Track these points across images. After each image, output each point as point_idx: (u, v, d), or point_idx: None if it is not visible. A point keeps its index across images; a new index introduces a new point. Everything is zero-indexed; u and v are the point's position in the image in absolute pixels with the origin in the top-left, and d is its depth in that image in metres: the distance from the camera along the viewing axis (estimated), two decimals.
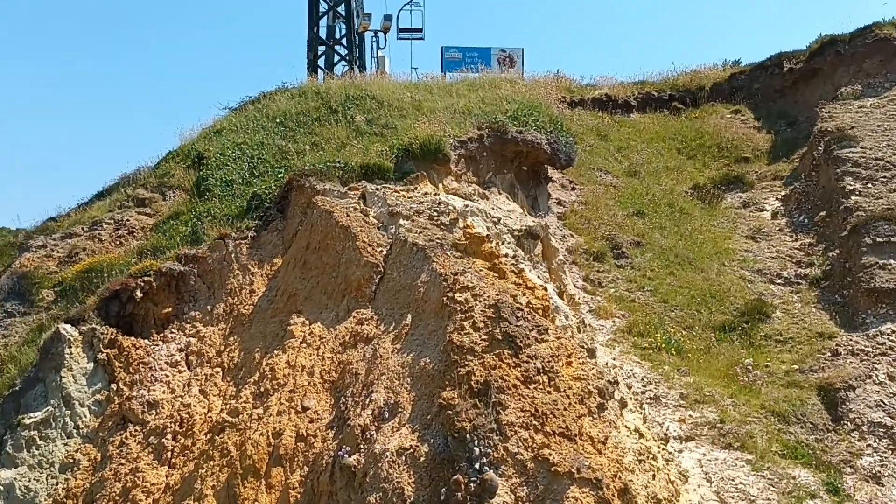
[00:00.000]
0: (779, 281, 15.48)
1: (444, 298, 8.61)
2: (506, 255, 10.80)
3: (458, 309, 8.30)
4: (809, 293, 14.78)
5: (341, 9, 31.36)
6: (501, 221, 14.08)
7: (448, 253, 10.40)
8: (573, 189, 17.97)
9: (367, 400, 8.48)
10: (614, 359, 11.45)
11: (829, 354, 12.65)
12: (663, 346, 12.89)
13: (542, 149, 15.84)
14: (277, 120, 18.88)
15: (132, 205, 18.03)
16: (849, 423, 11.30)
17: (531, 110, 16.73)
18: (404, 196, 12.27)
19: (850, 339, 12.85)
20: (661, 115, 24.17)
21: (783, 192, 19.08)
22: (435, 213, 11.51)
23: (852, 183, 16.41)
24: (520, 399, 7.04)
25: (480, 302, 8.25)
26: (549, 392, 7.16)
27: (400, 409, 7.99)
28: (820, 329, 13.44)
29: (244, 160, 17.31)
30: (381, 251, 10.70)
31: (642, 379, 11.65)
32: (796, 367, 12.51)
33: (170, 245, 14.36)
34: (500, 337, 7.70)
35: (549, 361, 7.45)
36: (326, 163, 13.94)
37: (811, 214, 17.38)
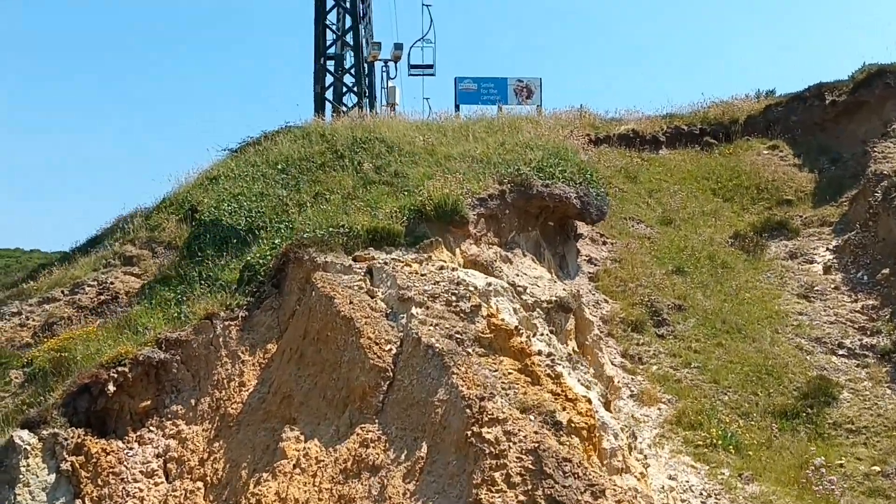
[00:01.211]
0: (841, 352, 13.66)
1: (469, 433, 6.88)
2: (539, 353, 9.07)
3: (487, 452, 6.56)
4: (879, 369, 12.97)
5: (349, 38, 29.83)
6: (528, 291, 12.37)
7: (470, 352, 8.72)
8: (604, 243, 16.23)
9: None
10: (669, 477, 9.65)
11: None
12: (719, 441, 11.09)
13: (571, 203, 14.13)
14: (279, 166, 17.35)
15: (119, 263, 16.49)
16: None
17: (557, 158, 15.02)
18: (417, 273, 10.56)
19: None
20: (693, 152, 22.44)
21: (834, 242, 17.28)
22: (453, 298, 9.79)
23: None
24: None
25: (515, 445, 6.51)
26: None
27: None
28: None
29: (241, 214, 15.75)
30: (391, 350, 8.98)
31: (700, 493, 9.85)
32: (877, 468, 10.70)
33: (152, 321, 12.77)
34: (542, 503, 5.95)
35: None
36: (329, 228, 12.27)
37: (871, 271, 15.55)
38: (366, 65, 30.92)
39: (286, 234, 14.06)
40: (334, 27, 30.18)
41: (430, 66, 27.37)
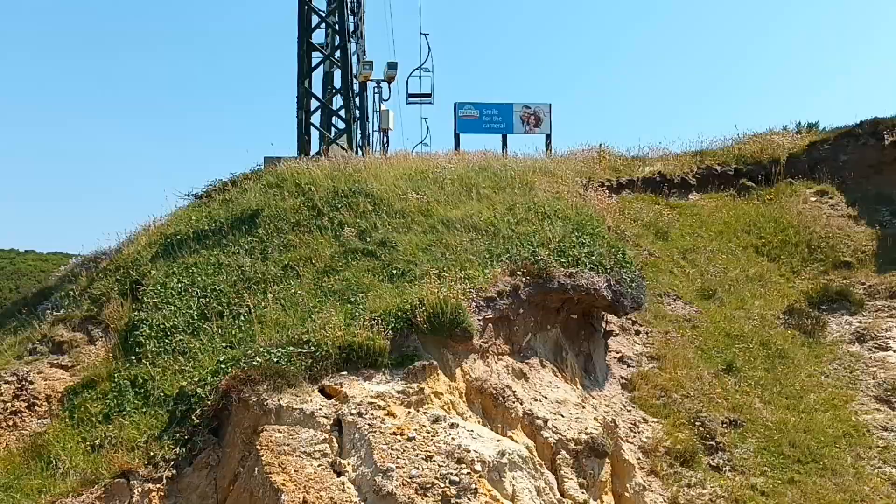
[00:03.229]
0: None
1: None
2: None
3: None
4: None
5: (338, 56, 26.83)
6: (549, 425, 9.50)
7: None
8: (637, 333, 13.27)
9: None
10: None
11: None
12: None
13: (600, 295, 11.20)
14: (245, 225, 14.59)
15: (46, 350, 13.66)
16: None
17: (581, 234, 12.10)
18: (402, 436, 7.60)
19: None
20: (728, 196, 19.48)
21: None
22: (452, 488, 6.87)
23: None
24: None
25: None
26: None
27: None
28: None
29: (193, 293, 13.03)
30: None
31: None
32: None
33: (66, 450, 10.01)
34: None
35: None
36: (289, 347, 9.33)
37: None
38: (356, 85, 27.98)
39: (242, 331, 11.30)
40: (322, 44, 27.22)
41: (429, 95, 24.62)
